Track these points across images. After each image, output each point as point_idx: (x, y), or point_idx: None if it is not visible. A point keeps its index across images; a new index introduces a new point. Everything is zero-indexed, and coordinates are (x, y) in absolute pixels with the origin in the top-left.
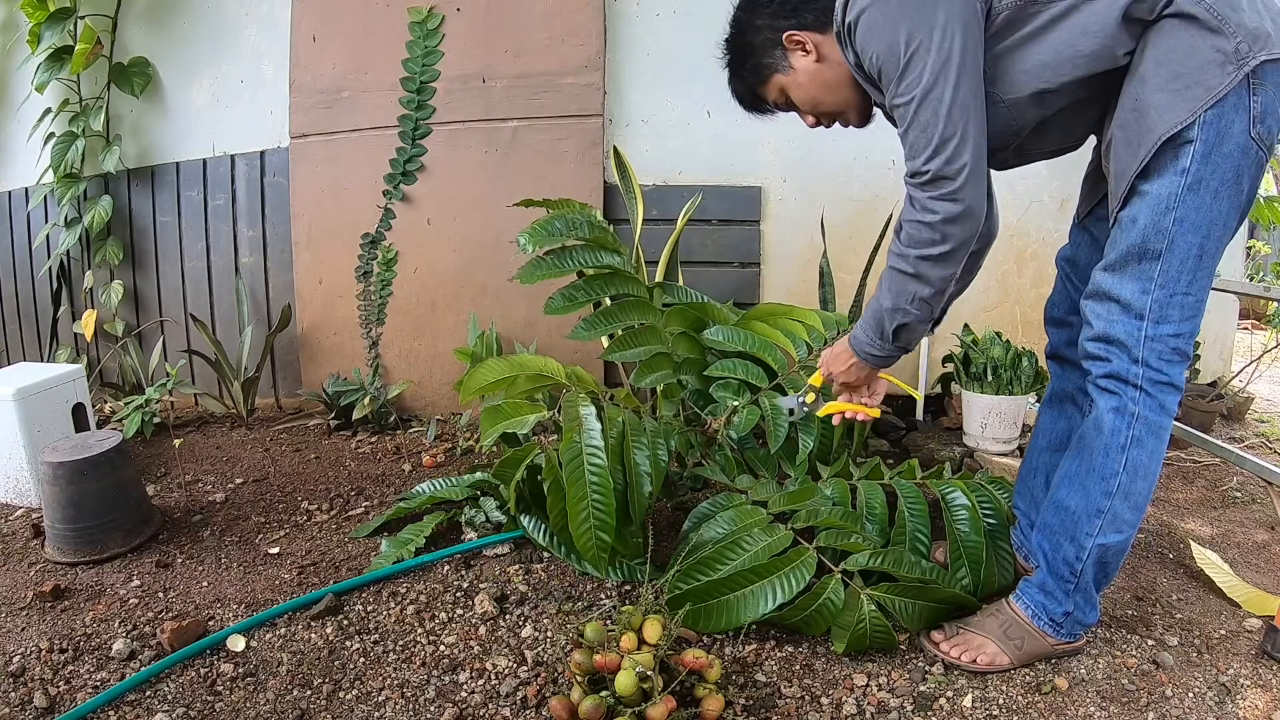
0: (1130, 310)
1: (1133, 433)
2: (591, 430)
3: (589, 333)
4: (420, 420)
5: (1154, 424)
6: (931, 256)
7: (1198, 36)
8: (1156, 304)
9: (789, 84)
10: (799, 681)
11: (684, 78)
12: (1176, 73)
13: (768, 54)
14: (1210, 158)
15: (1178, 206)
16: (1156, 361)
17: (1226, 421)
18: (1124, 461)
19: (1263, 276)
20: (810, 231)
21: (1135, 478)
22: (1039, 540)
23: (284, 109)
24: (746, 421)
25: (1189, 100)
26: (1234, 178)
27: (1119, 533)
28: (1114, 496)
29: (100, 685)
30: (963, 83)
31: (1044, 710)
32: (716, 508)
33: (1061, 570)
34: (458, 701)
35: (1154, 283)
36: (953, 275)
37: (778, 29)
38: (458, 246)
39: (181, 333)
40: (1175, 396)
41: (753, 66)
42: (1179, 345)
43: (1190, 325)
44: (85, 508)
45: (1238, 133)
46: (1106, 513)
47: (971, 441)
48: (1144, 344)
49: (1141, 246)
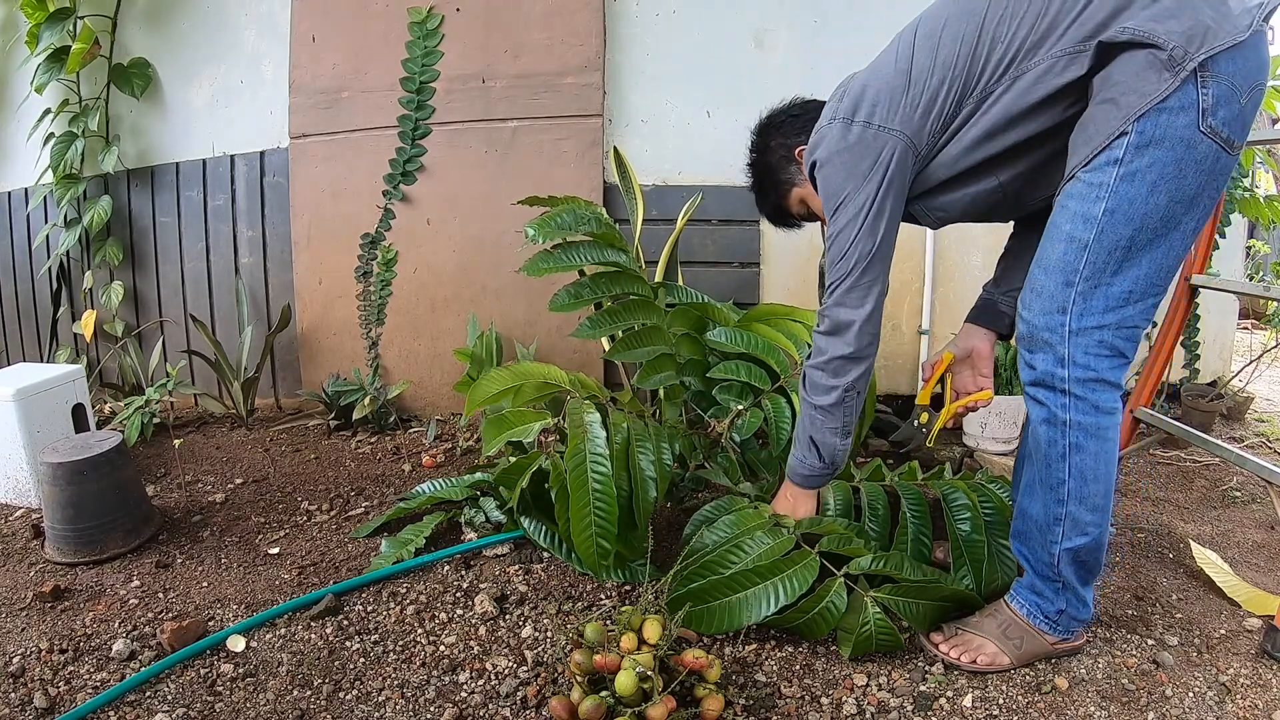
0: (1053, 302)
1: (1069, 440)
2: (596, 439)
3: (593, 331)
4: (420, 420)
5: (1089, 426)
6: (820, 366)
7: (1134, 54)
8: (1080, 295)
9: (807, 195)
10: (799, 681)
11: (684, 78)
12: (1114, 84)
13: (784, 170)
14: (1146, 150)
15: (1108, 196)
16: (1083, 357)
17: (1226, 421)
18: (1067, 469)
19: (1263, 276)
20: (810, 231)
21: (1085, 482)
22: (1016, 546)
23: (284, 109)
24: (749, 425)
25: (1124, 107)
26: (1175, 172)
27: (1084, 535)
28: (1066, 503)
29: (100, 686)
30: (878, 238)
31: (1044, 710)
32: (719, 511)
33: (1044, 571)
34: (458, 701)
35: (1078, 274)
36: (839, 386)
37: (790, 146)
38: (457, 246)
39: (181, 333)
40: (1111, 393)
41: (773, 183)
42: (1105, 338)
43: (1115, 317)
44: (85, 508)
45: (1181, 127)
46: (1064, 519)
47: (972, 441)
48: (1069, 339)
49: (1069, 235)
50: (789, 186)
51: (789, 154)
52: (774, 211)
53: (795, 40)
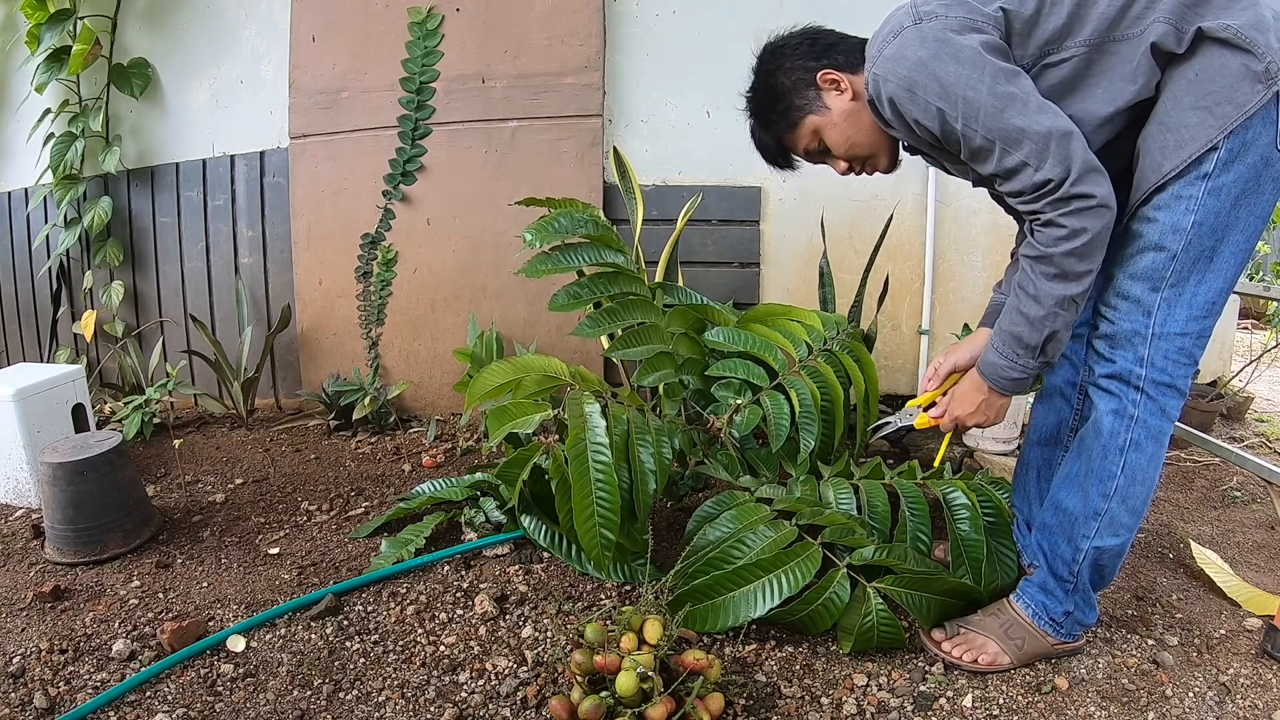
0: (1139, 306)
1: (1131, 435)
2: (596, 428)
3: (593, 330)
4: (420, 420)
5: (1153, 428)
6: (1076, 251)
7: (1228, 56)
8: (1165, 302)
9: (824, 125)
10: (799, 681)
11: (684, 78)
12: (1208, 90)
13: (800, 95)
14: (1233, 165)
15: (1197, 209)
16: (1161, 361)
17: (1226, 421)
18: (1122, 464)
19: (1263, 276)
20: (810, 231)
21: (1133, 482)
22: (1038, 539)
23: (283, 109)
24: (748, 420)
25: (1219, 117)
26: (1255, 187)
27: (1115, 536)
28: (1111, 499)
29: (100, 686)
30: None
31: (1044, 710)
32: (720, 507)
33: (1060, 570)
34: (458, 702)
35: (1165, 281)
36: (1096, 268)
37: (810, 69)
38: (457, 246)
39: (181, 333)
40: (1178, 401)
41: (783, 109)
42: (1185, 346)
43: (1198, 326)
44: (85, 508)
45: (1263, 145)
46: (1104, 515)
47: (971, 441)
48: (1151, 342)
49: (1158, 244)
50: (802, 114)
51: (809, 77)
52: (774, 145)
53: None
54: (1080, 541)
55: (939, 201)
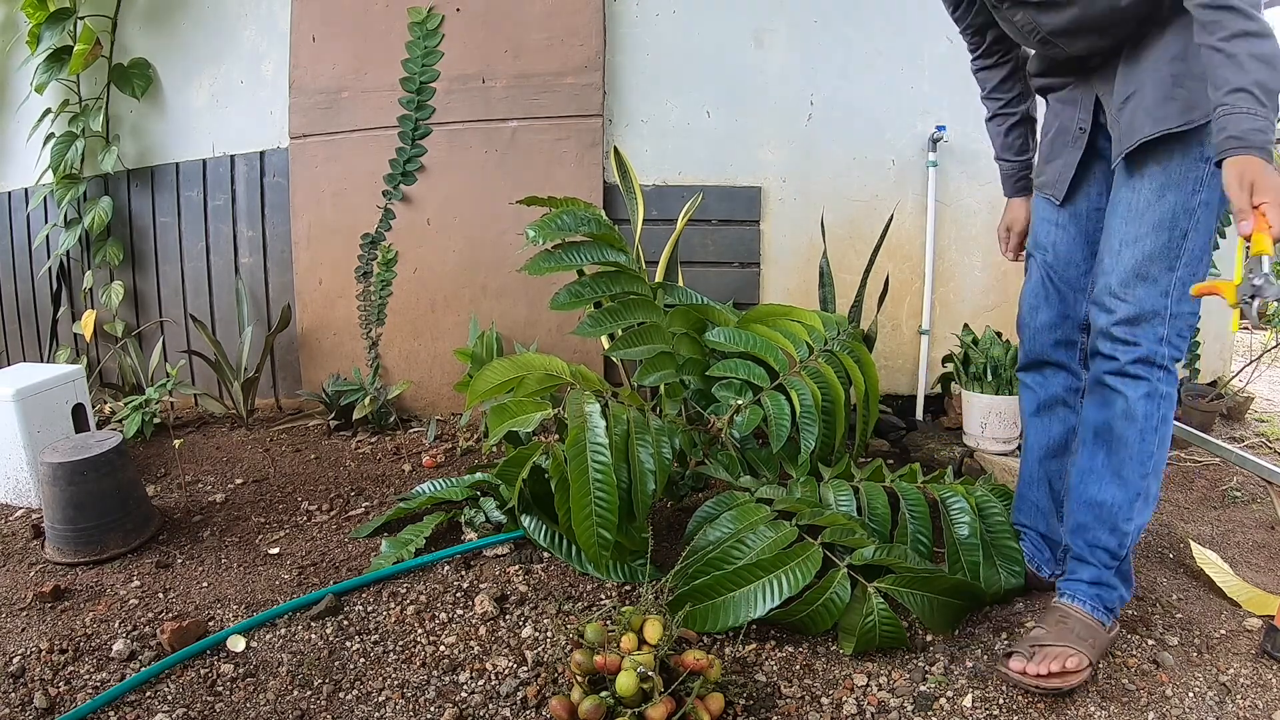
0: (1158, 286)
1: (1161, 413)
2: (596, 427)
3: (594, 329)
4: (420, 420)
5: (1172, 399)
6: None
7: None
8: (1180, 281)
9: None
10: (799, 681)
11: (684, 78)
12: None
13: None
14: None
15: (1203, 189)
16: (1176, 339)
17: (1226, 421)
18: (1157, 441)
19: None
20: (810, 231)
21: (1162, 448)
22: (1074, 541)
23: (284, 109)
24: (749, 421)
25: None
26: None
27: (1149, 506)
28: (1150, 477)
29: (100, 686)
30: None
31: (1044, 710)
32: (720, 507)
33: (1108, 561)
34: (458, 702)
35: (1179, 261)
36: None
37: None
38: (458, 246)
39: (181, 333)
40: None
41: None
42: (1193, 324)
43: (1197, 304)
44: (85, 508)
45: None
46: (1144, 493)
47: (972, 441)
48: (1168, 321)
49: (1171, 223)
50: None
51: None
52: None
53: (795, 40)
54: (1124, 525)
55: (939, 201)
